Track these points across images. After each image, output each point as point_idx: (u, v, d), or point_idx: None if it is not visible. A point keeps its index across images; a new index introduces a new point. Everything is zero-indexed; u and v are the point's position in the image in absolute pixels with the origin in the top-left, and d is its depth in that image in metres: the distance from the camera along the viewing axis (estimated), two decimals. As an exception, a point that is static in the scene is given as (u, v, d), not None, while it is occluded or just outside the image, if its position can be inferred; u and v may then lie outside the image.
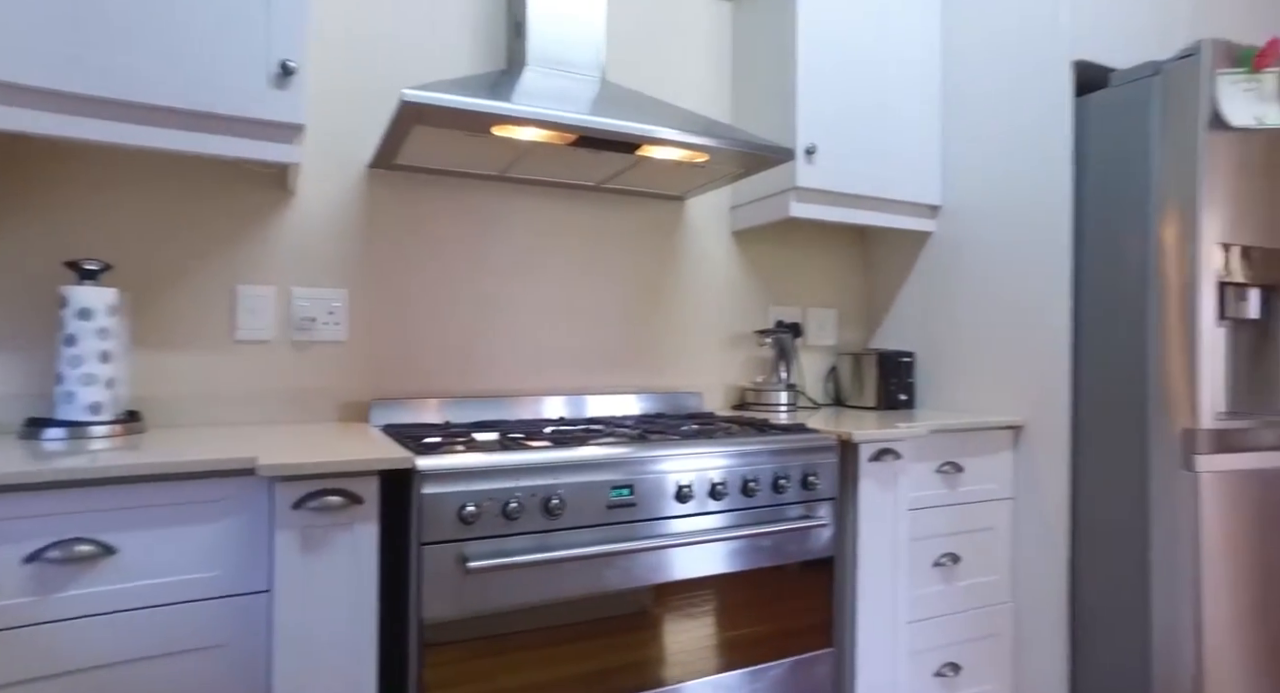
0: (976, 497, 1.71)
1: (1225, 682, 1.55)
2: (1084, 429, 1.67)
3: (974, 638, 1.69)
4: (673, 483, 1.31)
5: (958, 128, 1.95)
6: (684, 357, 1.98)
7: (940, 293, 1.99)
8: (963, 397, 1.92)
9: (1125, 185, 1.61)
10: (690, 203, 2.02)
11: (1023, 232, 1.78)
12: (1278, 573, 1.64)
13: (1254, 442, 1.58)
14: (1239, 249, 1.55)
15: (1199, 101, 1.51)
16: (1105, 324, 1.64)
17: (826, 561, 1.45)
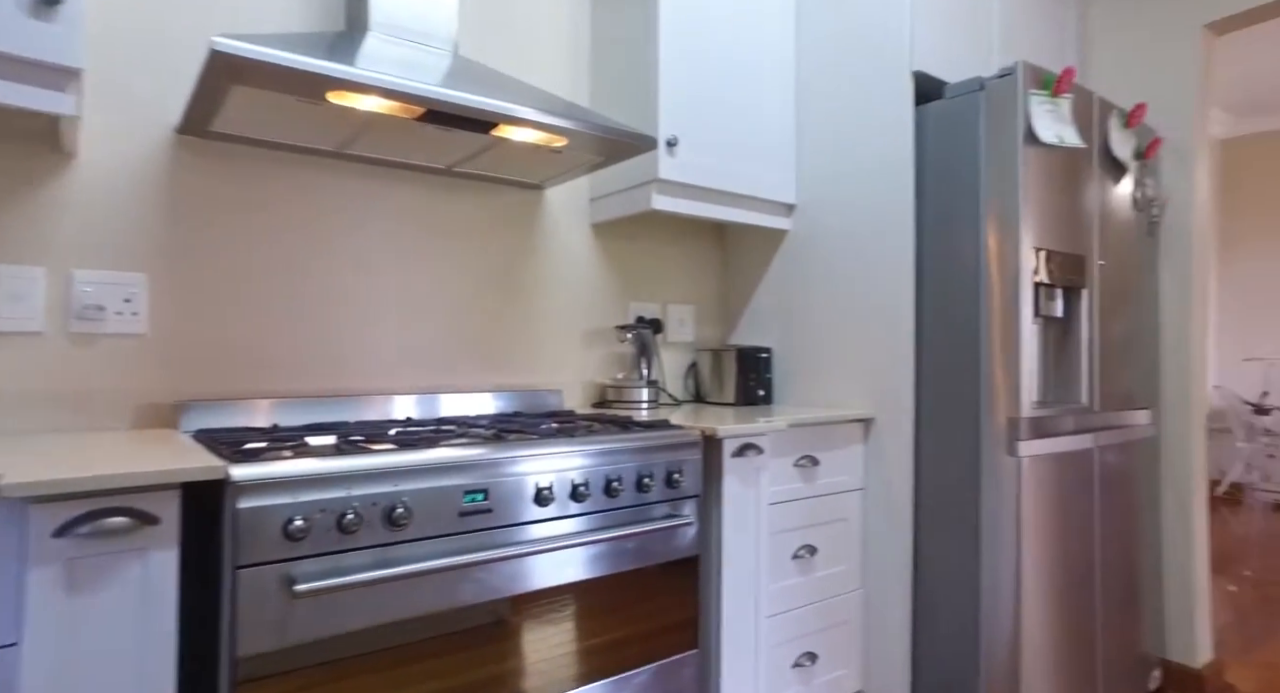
0: (831, 489, 1.75)
1: (1039, 640, 1.69)
2: (926, 420, 1.76)
3: (828, 626, 1.73)
4: (531, 486, 1.22)
5: (811, 129, 2.00)
6: (542, 353, 1.90)
7: (795, 290, 2.04)
8: (817, 392, 1.98)
9: (959, 192, 1.72)
10: (549, 193, 1.93)
11: (871, 233, 1.85)
12: (1076, 539, 1.82)
13: (1059, 428, 1.74)
14: (1045, 253, 1.70)
15: (1017, 117, 1.64)
16: (944, 322, 1.74)
17: (691, 560, 1.42)
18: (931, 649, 1.73)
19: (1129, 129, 1.95)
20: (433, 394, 1.66)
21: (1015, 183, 1.63)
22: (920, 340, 1.78)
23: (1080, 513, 1.80)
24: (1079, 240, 1.79)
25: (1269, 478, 3.64)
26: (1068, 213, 1.76)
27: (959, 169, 1.72)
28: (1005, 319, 1.65)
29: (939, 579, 1.72)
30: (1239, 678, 2.28)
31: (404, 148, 1.55)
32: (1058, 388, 1.84)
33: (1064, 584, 1.75)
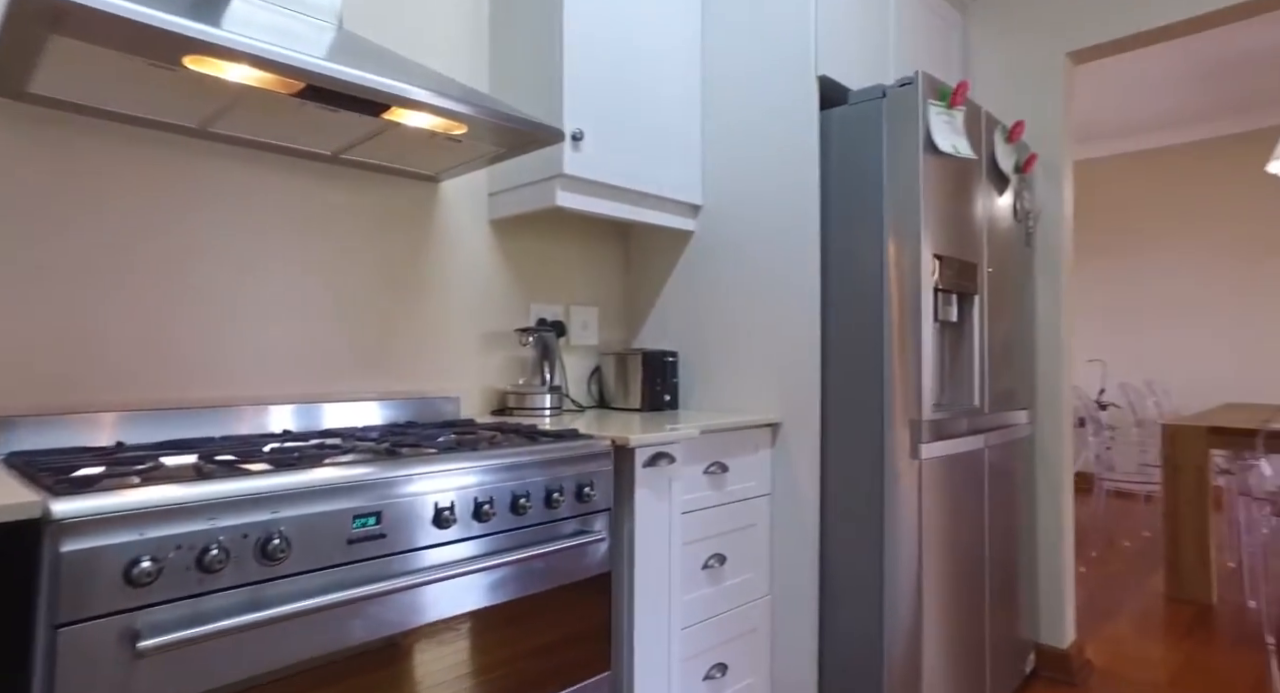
0: (740, 495, 1.73)
1: (937, 633, 1.74)
2: (832, 425, 1.77)
3: (738, 635, 1.70)
4: (431, 506, 1.10)
5: (716, 129, 1.98)
6: (437, 357, 1.76)
7: (701, 293, 2.01)
8: (724, 397, 1.95)
9: (863, 197, 1.74)
10: (445, 186, 1.80)
11: (777, 236, 1.85)
12: (968, 535, 1.89)
13: (955, 429, 1.80)
14: (943, 260, 1.75)
15: (917, 126, 1.67)
16: (849, 327, 1.75)
17: (603, 577, 1.34)
18: (837, 649, 1.73)
19: (1010, 144, 2.05)
20: (313, 404, 1.49)
21: (916, 190, 1.67)
22: (826, 345, 1.79)
23: (972, 510, 1.87)
24: (971, 248, 1.86)
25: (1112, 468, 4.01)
26: (961, 221, 1.82)
27: (863, 174, 1.74)
28: (907, 324, 1.68)
29: (844, 581, 1.74)
30: (1094, 654, 2.46)
31: (281, 129, 1.38)
32: (952, 390, 1.90)
33: (959, 578, 1.81)
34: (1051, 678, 2.27)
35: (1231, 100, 4.61)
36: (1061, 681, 2.25)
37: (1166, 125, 5.06)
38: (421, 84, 1.25)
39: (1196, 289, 5.07)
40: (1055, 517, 2.28)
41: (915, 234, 1.67)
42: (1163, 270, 5.20)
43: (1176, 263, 5.15)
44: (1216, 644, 2.57)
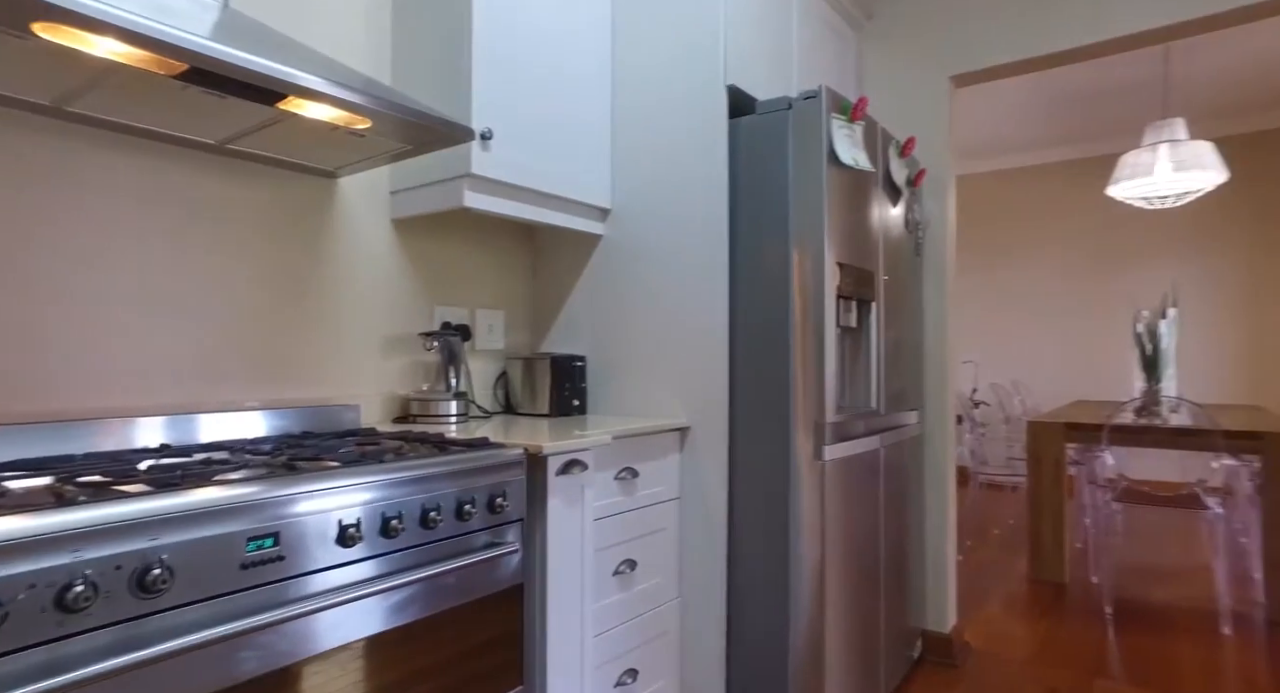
0: (650, 500, 1.73)
1: (838, 627, 1.81)
2: (740, 428, 1.80)
3: (648, 640, 1.71)
4: (334, 523, 1.03)
5: (626, 132, 1.97)
6: (335, 363, 1.66)
7: (610, 297, 2.00)
8: (632, 401, 1.95)
9: (770, 205, 1.78)
10: (344, 182, 1.70)
11: (687, 241, 1.86)
12: (866, 531, 1.98)
13: (854, 431, 1.88)
14: (844, 268, 1.83)
15: (821, 138, 1.73)
16: (756, 332, 1.79)
17: (515, 589, 1.30)
18: (745, 648, 1.77)
19: (903, 158, 2.17)
20: (196, 414, 1.37)
21: (820, 200, 1.73)
22: (734, 350, 1.82)
23: (869, 508, 1.96)
24: (869, 256, 1.95)
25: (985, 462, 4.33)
26: (860, 231, 1.90)
27: (770, 183, 1.78)
28: (811, 330, 1.73)
29: (752, 581, 1.77)
30: (971, 636, 2.65)
31: (154, 113, 1.25)
32: (851, 394, 1.98)
33: (857, 573, 1.89)
34: (936, 662, 2.42)
35: (1079, 129, 5.08)
36: (945, 663, 2.40)
37: (1025, 148, 5.52)
38: (328, 74, 1.17)
39: (1052, 297, 5.56)
40: (940, 511, 2.43)
41: (819, 242, 1.73)
42: (1024, 279, 5.67)
43: (1035, 273, 5.63)
44: (1068, 618, 2.82)
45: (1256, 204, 4.89)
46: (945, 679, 2.30)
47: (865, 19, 2.56)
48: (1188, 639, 2.64)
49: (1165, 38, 2.15)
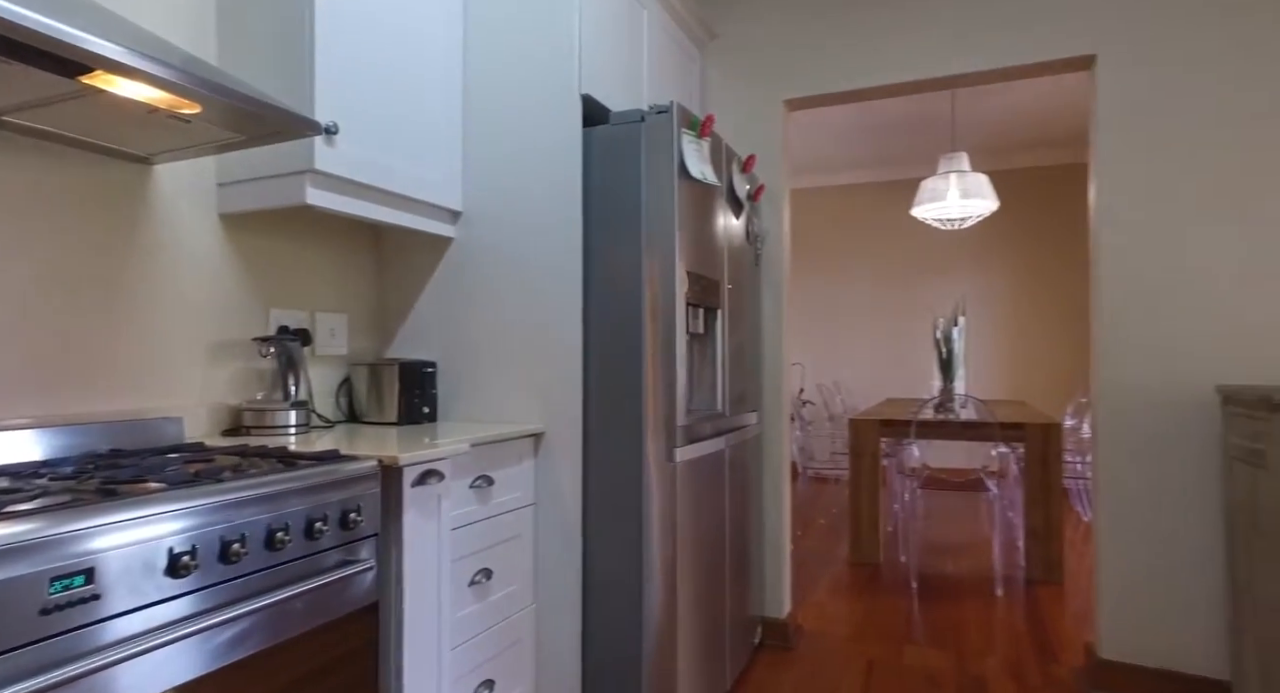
0: (506, 507, 1.71)
1: (689, 623, 1.90)
2: (594, 433, 1.83)
3: (505, 648, 1.69)
4: (163, 552, 0.93)
5: (479, 134, 1.94)
6: (151, 372, 1.48)
7: (462, 302, 1.95)
8: (484, 407, 1.92)
9: (623, 214, 1.83)
10: (160, 169, 1.53)
11: (541, 247, 1.87)
12: (713, 528, 2.09)
13: (703, 432, 1.98)
14: (693, 276, 1.92)
15: (673, 151, 1.81)
16: (609, 337, 1.83)
17: (370, 608, 1.24)
18: (600, 651, 1.80)
19: (745, 174, 2.31)
20: (-31, 434, 1.17)
21: (672, 211, 1.80)
22: (588, 355, 1.85)
23: (715, 506, 2.07)
24: (715, 266, 2.06)
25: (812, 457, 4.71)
26: (707, 242, 2.01)
27: (623, 193, 1.83)
28: (663, 336, 1.80)
29: (606, 584, 1.81)
30: (803, 619, 2.87)
31: (-81, 78, 1.06)
32: (699, 396, 2.08)
33: (706, 569, 1.99)
34: (774, 646, 2.59)
35: (890, 155, 5.68)
36: (781, 646, 2.59)
37: (847, 168, 6.07)
38: (151, 50, 1.05)
39: (868, 304, 6.15)
40: (777, 505, 2.61)
41: (670, 252, 1.80)
42: (844, 288, 6.23)
43: (854, 282, 6.20)
44: (882, 595, 3.14)
45: (1024, 230, 5.71)
46: (782, 661, 2.48)
47: (709, 38, 2.70)
48: (971, 603, 3.03)
49: (958, 84, 2.47)
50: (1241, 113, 2.10)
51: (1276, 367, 2.06)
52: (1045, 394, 5.64)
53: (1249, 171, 2.09)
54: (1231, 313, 2.11)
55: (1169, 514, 2.16)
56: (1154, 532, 2.17)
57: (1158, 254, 2.18)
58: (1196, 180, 2.14)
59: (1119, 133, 2.22)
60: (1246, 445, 1.91)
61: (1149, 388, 2.18)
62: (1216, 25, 2.12)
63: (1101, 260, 2.24)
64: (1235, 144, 2.11)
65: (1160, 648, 2.16)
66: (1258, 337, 2.08)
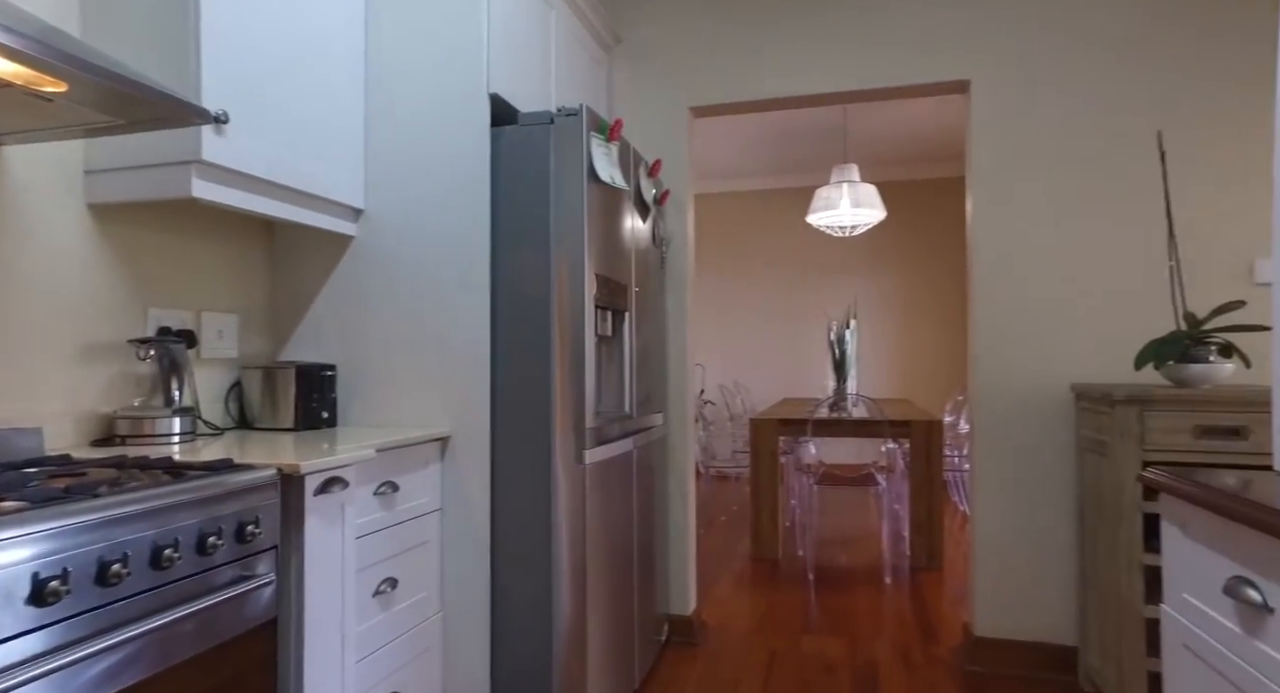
0: (412, 514, 1.66)
1: (599, 623, 1.91)
2: (502, 436, 1.81)
3: (411, 659, 1.64)
4: (25, 580, 0.85)
5: (382, 129, 1.88)
6: (5, 377, 1.34)
7: (364, 302, 1.88)
8: (387, 411, 1.85)
9: (532, 216, 1.82)
10: (11, 152, 1.38)
11: (448, 248, 1.83)
12: (622, 529, 2.11)
13: (611, 434, 2.00)
14: (601, 279, 1.93)
15: (582, 154, 1.82)
16: (518, 340, 1.81)
17: (269, 625, 1.18)
18: (509, 656, 1.78)
19: (651, 178, 2.34)
20: None
21: (581, 214, 1.80)
22: (495, 358, 1.82)
23: (624, 507, 2.09)
24: (623, 269, 2.08)
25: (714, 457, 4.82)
26: (615, 245, 2.02)
27: (532, 194, 1.82)
28: (572, 338, 1.80)
29: (516, 586, 1.79)
30: (707, 615, 2.94)
31: None
32: (607, 399, 2.09)
33: (615, 570, 2.00)
34: (680, 642, 2.64)
35: (789, 163, 5.90)
36: (687, 643, 2.64)
37: (749, 174, 6.26)
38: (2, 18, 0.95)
39: (766, 307, 6.37)
40: (682, 505, 2.66)
41: (580, 255, 1.81)
42: (744, 291, 6.42)
43: (753, 285, 6.40)
44: (782, 588, 3.27)
45: (909, 238, 6.08)
46: (688, 657, 2.53)
47: (615, 42, 2.72)
48: (863, 591, 3.21)
49: (850, 100, 2.60)
50: (1104, 134, 2.33)
51: (1124, 366, 2.30)
52: (927, 392, 6.03)
53: (1109, 188, 2.33)
54: (1090, 319, 2.33)
55: (1034, 503, 2.36)
56: (1021, 520, 2.37)
57: (1028, 264, 2.38)
58: (1062, 196, 2.36)
59: (991, 151, 2.42)
60: (1093, 437, 2.13)
61: (1019, 389, 2.38)
62: (1081, 53, 2.35)
63: (978, 269, 2.43)
64: (1098, 163, 2.33)
65: (1026, 623, 2.36)
66: (1110, 340, 2.32)
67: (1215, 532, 1.00)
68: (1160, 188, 2.28)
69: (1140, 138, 2.30)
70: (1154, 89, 2.29)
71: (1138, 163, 2.30)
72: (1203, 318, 1.96)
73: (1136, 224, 2.30)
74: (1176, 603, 1.12)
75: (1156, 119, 2.29)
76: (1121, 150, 2.32)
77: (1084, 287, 2.34)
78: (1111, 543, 2.00)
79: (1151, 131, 2.29)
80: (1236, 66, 2.24)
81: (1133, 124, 2.31)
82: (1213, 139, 2.25)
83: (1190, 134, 2.27)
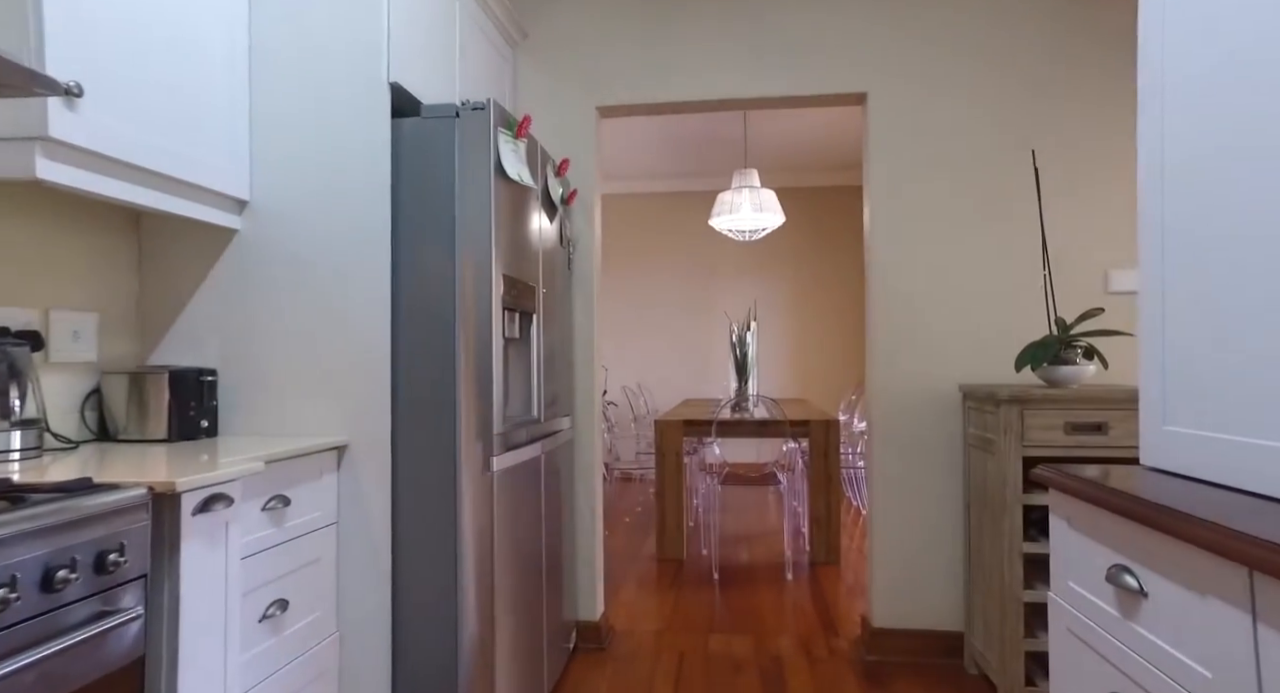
0: (304, 529, 1.54)
1: (506, 634, 1.84)
2: (404, 444, 1.71)
3: (305, 684, 1.52)
4: None
5: (274, 119, 1.73)
6: None
7: (250, 301, 1.73)
8: (275, 419, 1.72)
9: (436, 213, 1.73)
10: None
11: (344, 245, 1.71)
12: (529, 536, 2.05)
13: (519, 440, 1.93)
14: (509, 280, 1.87)
15: (489, 149, 1.75)
16: (421, 343, 1.72)
17: (135, 665, 1.05)
18: (412, 674, 1.69)
19: (559, 177, 2.30)
20: None
21: (488, 212, 1.73)
22: (397, 361, 1.73)
23: (532, 514, 2.03)
24: (531, 270, 2.02)
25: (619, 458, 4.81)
26: (522, 244, 1.96)
27: (436, 190, 1.74)
28: (479, 341, 1.73)
29: (419, 602, 1.70)
30: (614, 618, 2.92)
31: None
32: (514, 403, 2.03)
33: (523, 578, 1.94)
34: (588, 649, 2.60)
35: (694, 167, 5.98)
36: (595, 648, 2.60)
37: (656, 177, 6.29)
38: None
39: (669, 309, 6.43)
40: (590, 509, 2.62)
41: (486, 254, 1.74)
42: (647, 292, 6.45)
43: (656, 287, 6.44)
44: (687, 589, 3.29)
45: (805, 244, 6.30)
46: (597, 662, 2.49)
47: (521, 38, 2.65)
48: (766, 588, 3.28)
49: (752, 106, 2.65)
50: (992, 147, 2.48)
51: (1001, 366, 2.46)
52: (822, 391, 6.27)
53: (991, 199, 2.48)
54: (973, 321, 2.48)
55: (925, 499, 2.48)
56: (914, 515, 2.49)
57: (920, 268, 2.50)
58: (950, 205, 2.49)
59: (887, 161, 2.52)
60: (979, 434, 2.26)
61: (912, 389, 2.50)
62: (971, 70, 2.49)
63: (874, 273, 2.53)
64: (986, 175, 2.48)
65: (919, 612, 2.48)
66: (990, 341, 2.47)
67: (1098, 524, 1.07)
68: (1034, 200, 2.46)
69: (1019, 153, 2.47)
70: (1033, 108, 2.46)
71: (1015, 177, 2.47)
72: (1071, 323, 2.12)
73: (1014, 234, 2.47)
74: (1062, 591, 1.19)
75: (1034, 135, 2.46)
76: (1002, 164, 2.48)
77: (970, 292, 2.48)
78: (995, 534, 2.13)
79: (1029, 148, 2.46)
80: (1101, 91, 2.44)
81: (1012, 139, 2.47)
82: (1077, 158, 2.45)
83: (1060, 153, 2.45)
